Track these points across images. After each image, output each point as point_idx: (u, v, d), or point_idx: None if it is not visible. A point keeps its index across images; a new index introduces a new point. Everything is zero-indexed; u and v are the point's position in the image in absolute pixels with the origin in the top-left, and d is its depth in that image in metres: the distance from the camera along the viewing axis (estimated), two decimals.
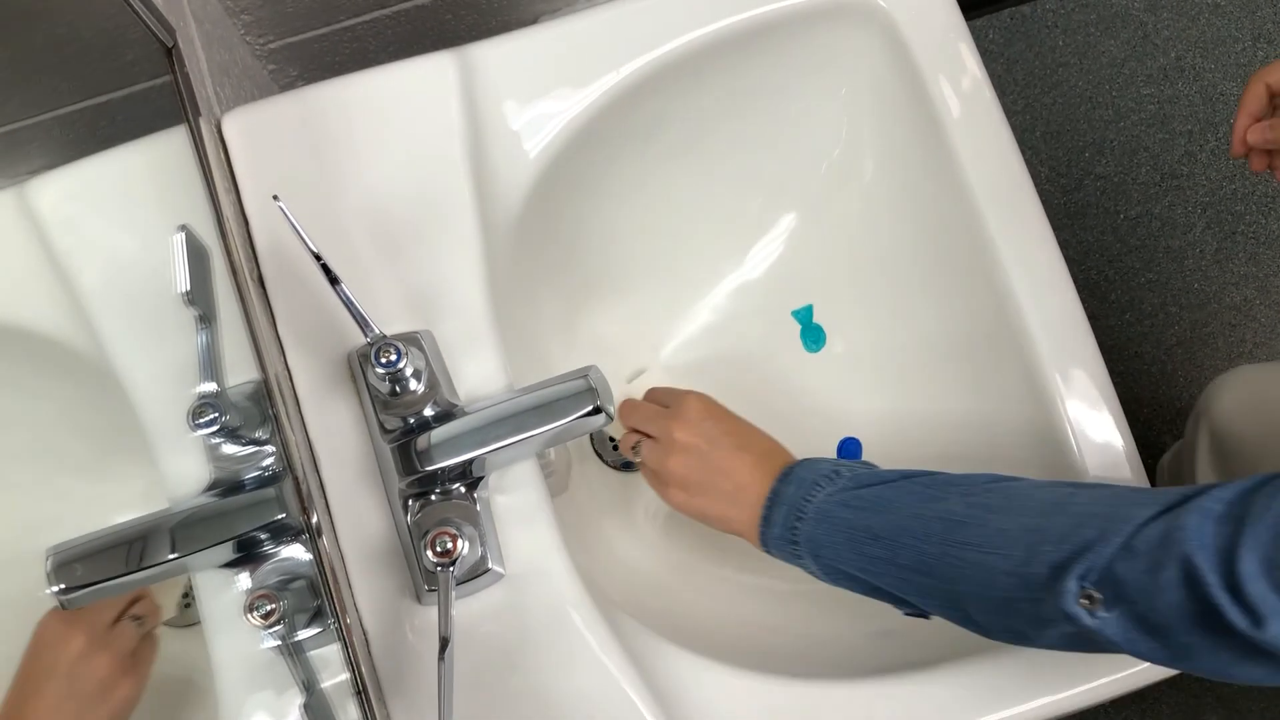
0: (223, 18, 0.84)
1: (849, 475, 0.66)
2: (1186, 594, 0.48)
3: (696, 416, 0.73)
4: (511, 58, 0.73)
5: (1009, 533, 0.56)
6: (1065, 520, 0.54)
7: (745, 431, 0.73)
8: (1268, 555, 0.46)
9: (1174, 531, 0.49)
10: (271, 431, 0.62)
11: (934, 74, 0.76)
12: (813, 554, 0.65)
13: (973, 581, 0.57)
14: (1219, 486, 0.50)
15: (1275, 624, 0.45)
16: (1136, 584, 0.50)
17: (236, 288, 0.62)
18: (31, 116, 0.55)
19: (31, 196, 0.55)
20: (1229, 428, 0.96)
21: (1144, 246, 1.57)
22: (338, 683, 0.61)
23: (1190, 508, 0.50)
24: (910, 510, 0.61)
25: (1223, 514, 0.49)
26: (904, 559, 0.60)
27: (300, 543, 0.61)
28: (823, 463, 0.68)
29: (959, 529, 0.58)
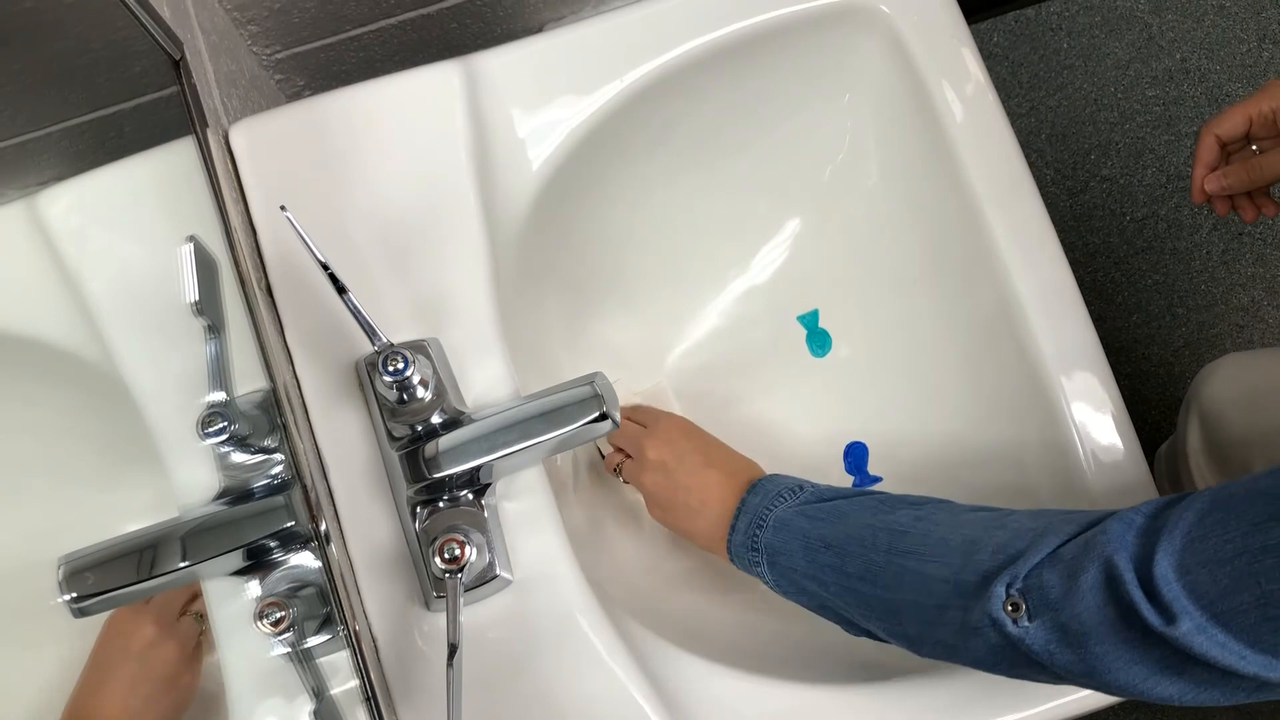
0: (229, 29, 0.85)
1: (811, 490, 0.69)
2: (1106, 595, 0.50)
3: (668, 435, 0.78)
4: (516, 66, 0.74)
5: (949, 542, 0.59)
6: (1001, 533, 0.58)
7: (713, 449, 0.77)
8: (1180, 561, 0.48)
9: (1097, 536, 0.53)
10: (280, 440, 0.62)
11: (937, 79, 0.77)
12: (769, 560, 0.68)
13: (911, 589, 0.60)
14: (1142, 503, 0.54)
15: (1186, 622, 0.47)
16: (1058, 589, 0.52)
17: (245, 297, 0.62)
18: (41, 128, 0.56)
19: (41, 207, 0.56)
20: (1218, 414, 0.97)
21: (1150, 248, 1.57)
22: (347, 689, 0.61)
23: (1114, 518, 0.53)
24: (863, 520, 0.64)
25: (1142, 525, 0.52)
26: (851, 567, 0.63)
27: (309, 550, 0.61)
28: (789, 478, 0.72)
29: (903, 538, 0.61)
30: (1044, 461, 0.75)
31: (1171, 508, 0.51)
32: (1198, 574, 0.48)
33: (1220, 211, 0.80)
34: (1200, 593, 0.47)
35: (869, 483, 0.87)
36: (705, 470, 0.75)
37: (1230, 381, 0.97)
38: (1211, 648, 0.47)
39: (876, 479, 0.87)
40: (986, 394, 0.80)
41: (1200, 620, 0.47)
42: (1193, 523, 0.49)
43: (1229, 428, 0.96)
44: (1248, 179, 0.77)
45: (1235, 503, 0.49)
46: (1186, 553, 0.48)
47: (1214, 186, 0.78)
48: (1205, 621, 0.47)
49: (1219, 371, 0.99)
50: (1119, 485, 0.71)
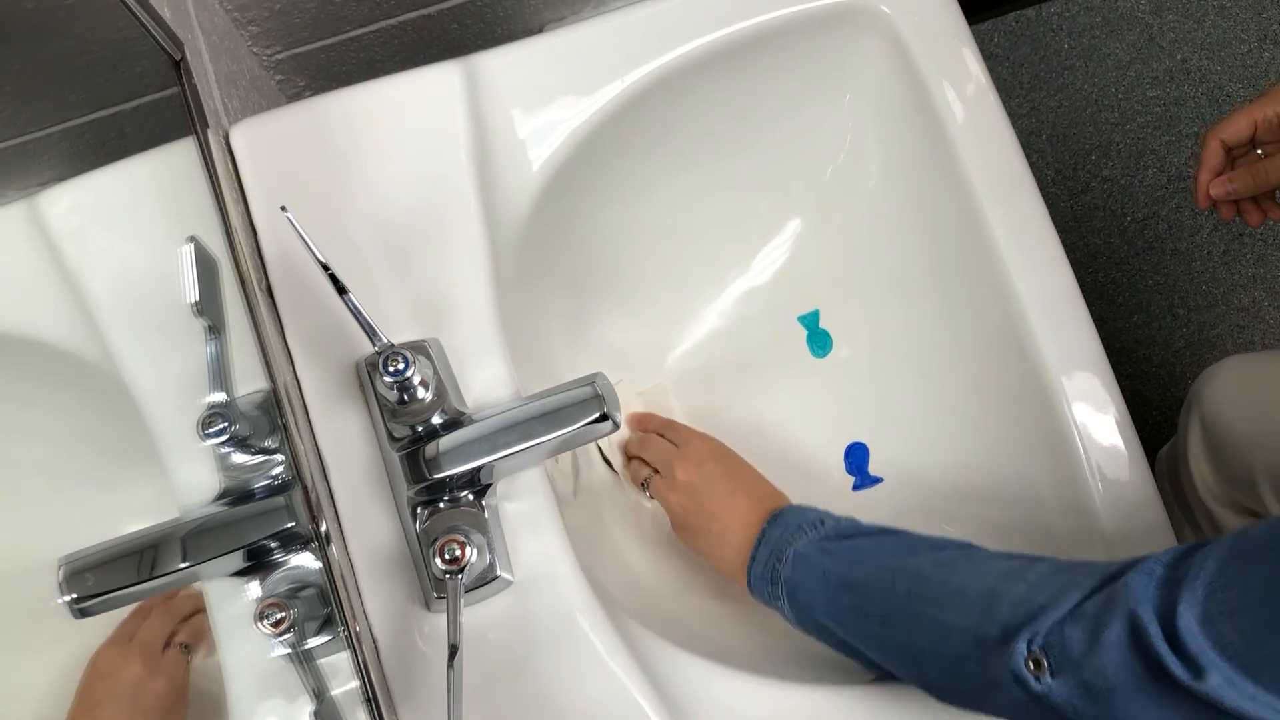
0: (230, 29, 0.85)
1: (831, 525, 0.69)
2: (1131, 650, 0.50)
3: (699, 458, 0.78)
4: (517, 66, 0.74)
5: (968, 592, 0.59)
6: (1021, 586, 0.57)
7: (742, 476, 0.77)
8: (1203, 612, 0.47)
9: (1119, 590, 0.52)
10: (281, 440, 0.62)
11: (938, 79, 0.77)
12: (789, 595, 0.68)
13: (930, 636, 0.59)
14: (1160, 552, 0.53)
15: (1214, 675, 0.46)
16: (1081, 645, 0.51)
17: (245, 298, 0.62)
18: (41, 129, 0.56)
19: (42, 208, 0.56)
20: (1219, 417, 0.97)
21: (1151, 249, 1.57)
22: (348, 690, 0.61)
23: (1136, 570, 0.52)
24: (883, 563, 0.64)
25: (1163, 576, 0.51)
26: (871, 609, 0.63)
27: (310, 551, 0.61)
28: (810, 511, 0.71)
29: (924, 584, 0.61)
30: (1044, 461, 0.75)
31: (1190, 557, 0.50)
32: (1222, 625, 0.47)
33: (1225, 216, 0.80)
34: (1226, 644, 0.46)
35: (870, 483, 0.87)
36: (730, 497, 0.75)
37: (1231, 384, 0.97)
38: (1242, 700, 0.46)
39: (877, 479, 0.87)
40: (987, 394, 0.80)
41: (1229, 672, 0.46)
42: (1214, 572, 0.48)
43: (1230, 431, 0.96)
44: (1253, 183, 0.77)
45: (1255, 549, 0.48)
46: (1210, 603, 0.47)
47: (1219, 191, 0.78)
48: (1234, 674, 0.46)
49: (1220, 374, 0.99)
50: (1120, 486, 0.71)
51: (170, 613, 0.55)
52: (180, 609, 0.56)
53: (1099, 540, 0.71)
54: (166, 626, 0.55)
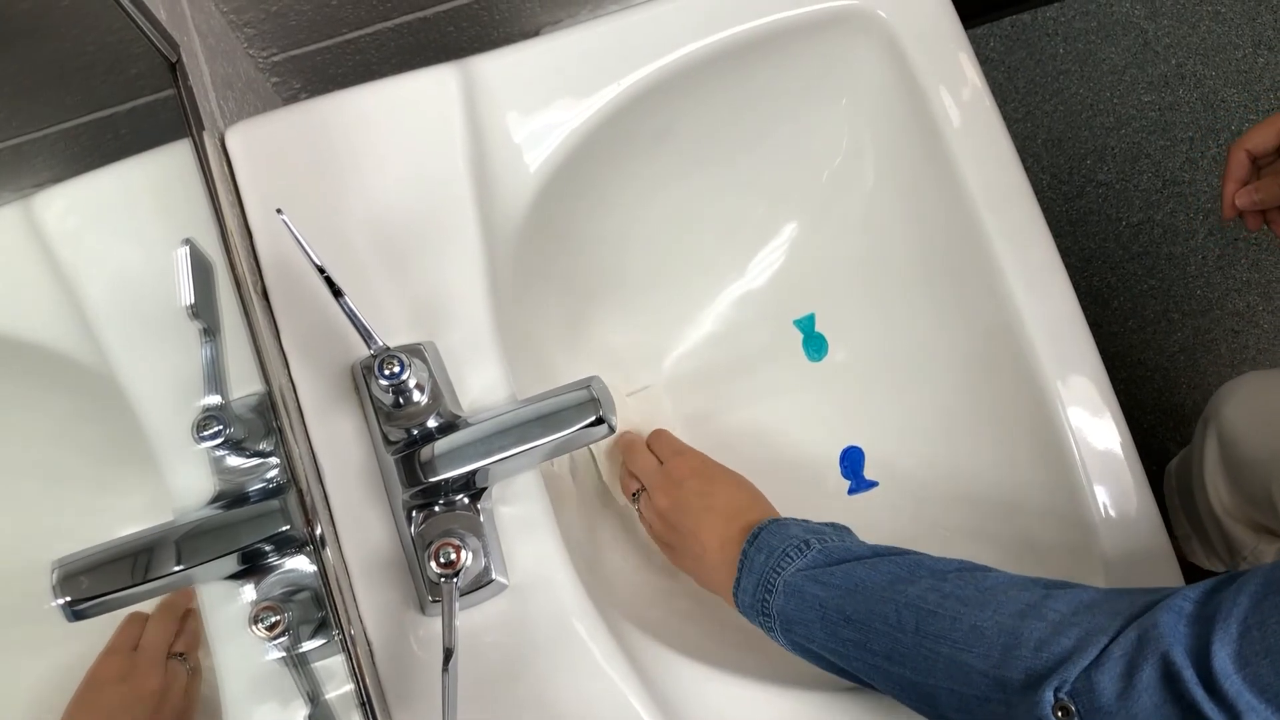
0: (226, 31, 0.85)
1: (819, 548, 0.65)
2: (1164, 694, 0.48)
3: (678, 476, 0.76)
4: (513, 70, 0.74)
5: (984, 631, 0.56)
6: (1041, 626, 0.54)
7: (717, 491, 0.74)
8: (1238, 651, 0.46)
9: (1149, 631, 0.49)
10: (275, 444, 0.62)
11: (934, 83, 0.77)
12: (784, 628, 0.64)
13: (945, 676, 0.56)
14: (1187, 587, 0.51)
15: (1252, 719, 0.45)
16: (1112, 692, 0.49)
17: (240, 301, 0.62)
18: (36, 130, 0.56)
19: (36, 210, 0.55)
20: (1238, 436, 0.96)
21: (1146, 253, 1.57)
22: (342, 694, 0.61)
23: (1162, 607, 0.50)
24: (884, 595, 0.60)
25: (1193, 613, 0.49)
26: (877, 645, 0.60)
27: (304, 554, 0.61)
28: (792, 527, 0.67)
29: (932, 619, 0.58)
30: (1038, 465, 0.75)
31: (1220, 592, 0.49)
32: (1259, 665, 0.45)
33: (1252, 227, 0.80)
34: (1264, 685, 0.45)
35: (865, 487, 0.87)
36: (705, 515, 0.72)
37: (1250, 402, 0.97)
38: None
39: (873, 484, 0.87)
40: (983, 399, 0.80)
41: (1267, 716, 0.45)
42: (1248, 609, 0.47)
43: (1248, 449, 0.95)
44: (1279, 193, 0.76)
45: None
46: (1244, 641, 0.46)
47: (1245, 201, 0.78)
48: (1272, 717, 0.45)
49: (1239, 391, 0.98)
50: (1114, 491, 0.71)
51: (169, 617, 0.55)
52: (176, 611, 0.56)
53: (1094, 548, 0.71)
54: (169, 631, 0.54)
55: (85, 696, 0.48)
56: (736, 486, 0.75)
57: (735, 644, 0.77)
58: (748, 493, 0.75)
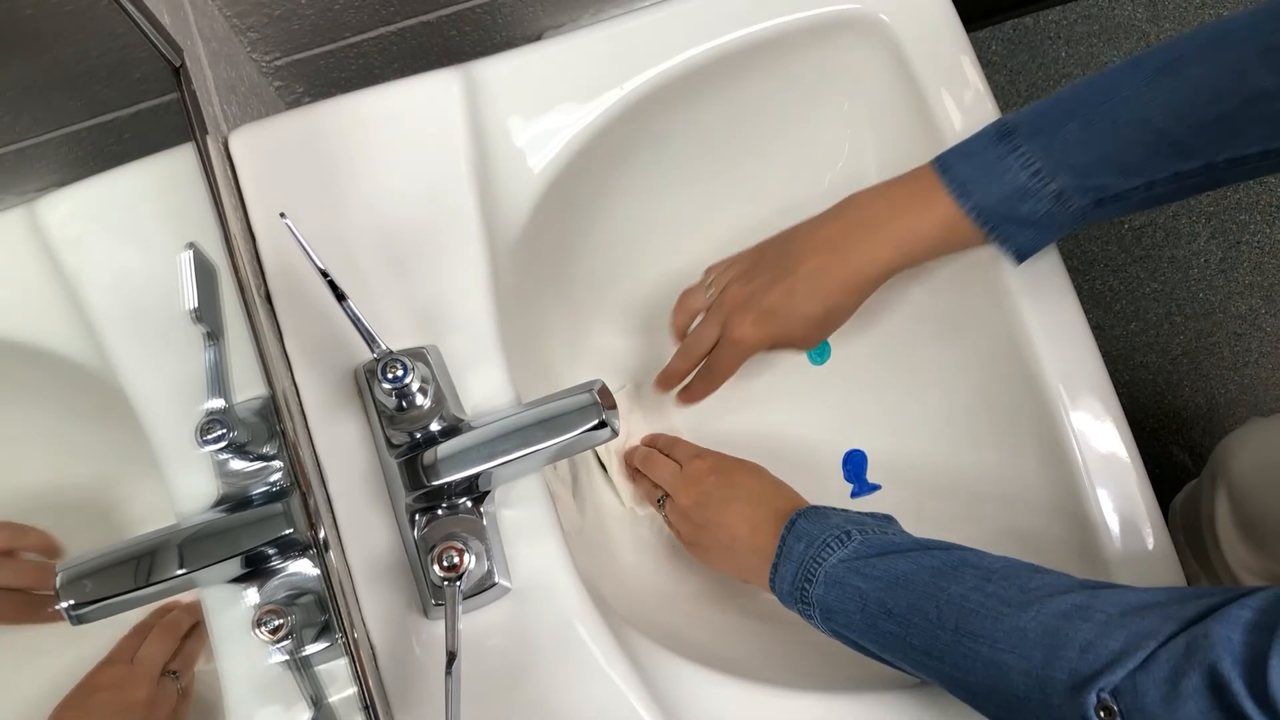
0: (229, 35, 0.85)
1: (860, 539, 0.64)
2: (1210, 703, 0.47)
3: (698, 476, 0.76)
4: (516, 74, 0.74)
5: (1026, 632, 0.55)
6: (1087, 627, 0.53)
7: (739, 480, 0.75)
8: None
9: (1199, 640, 0.48)
10: (279, 447, 0.62)
11: (936, 87, 0.77)
12: (824, 616, 0.65)
13: (984, 673, 0.56)
14: (1249, 594, 0.49)
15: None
16: (1156, 697, 0.48)
17: (244, 304, 0.62)
18: (40, 134, 0.56)
19: (40, 214, 0.56)
20: (1250, 492, 0.94)
21: (1148, 256, 1.57)
22: (345, 697, 0.61)
23: (1218, 616, 0.49)
24: (924, 589, 0.60)
25: (1252, 621, 0.47)
26: (917, 641, 0.59)
27: (308, 558, 0.61)
28: (832, 516, 0.67)
29: (973, 618, 0.57)
30: (1041, 468, 0.75)
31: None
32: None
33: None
34: None
35: (868, 490, 0.87)
36: (731, 504, 0.73)
37: (1258, 454, 0.95)
38: None
39: (875, 487, 0.87)
40: (985, 402, 0.80)
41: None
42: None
43: (1261, 504, 0.93)
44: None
45: None
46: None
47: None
48: None
49: (1246, 445, 0.96)
50: (1117, 493, 0.71)
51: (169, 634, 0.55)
52: (178, 629, 0.56)
53: (1097, 550, 0.71)
54: (167, 648, 0.54)
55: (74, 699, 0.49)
56: (756, 475, 0.76)
57: (740, 647, 0.77)
58: (769, 480, 0.75)
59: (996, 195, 0.67)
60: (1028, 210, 0.66)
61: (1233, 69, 0.58)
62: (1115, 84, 0.63)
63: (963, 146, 0.69)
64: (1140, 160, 0.63)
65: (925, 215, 0.69)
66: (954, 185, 0.68)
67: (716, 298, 0.78)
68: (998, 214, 0.67)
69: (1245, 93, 0.58)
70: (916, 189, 0.70)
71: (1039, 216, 0.66)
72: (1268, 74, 0.57)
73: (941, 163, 0.69)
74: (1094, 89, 0.64)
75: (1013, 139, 0.66)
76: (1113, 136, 0.63)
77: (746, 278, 0.76)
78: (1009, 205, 0.66)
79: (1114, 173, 0.64)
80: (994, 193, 0.67)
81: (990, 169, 0.66)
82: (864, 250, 0.71)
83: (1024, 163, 0.65)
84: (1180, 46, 0.61)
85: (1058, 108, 0.65)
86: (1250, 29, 0.58)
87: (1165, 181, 0.63)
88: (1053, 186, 0.65)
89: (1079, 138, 0.64)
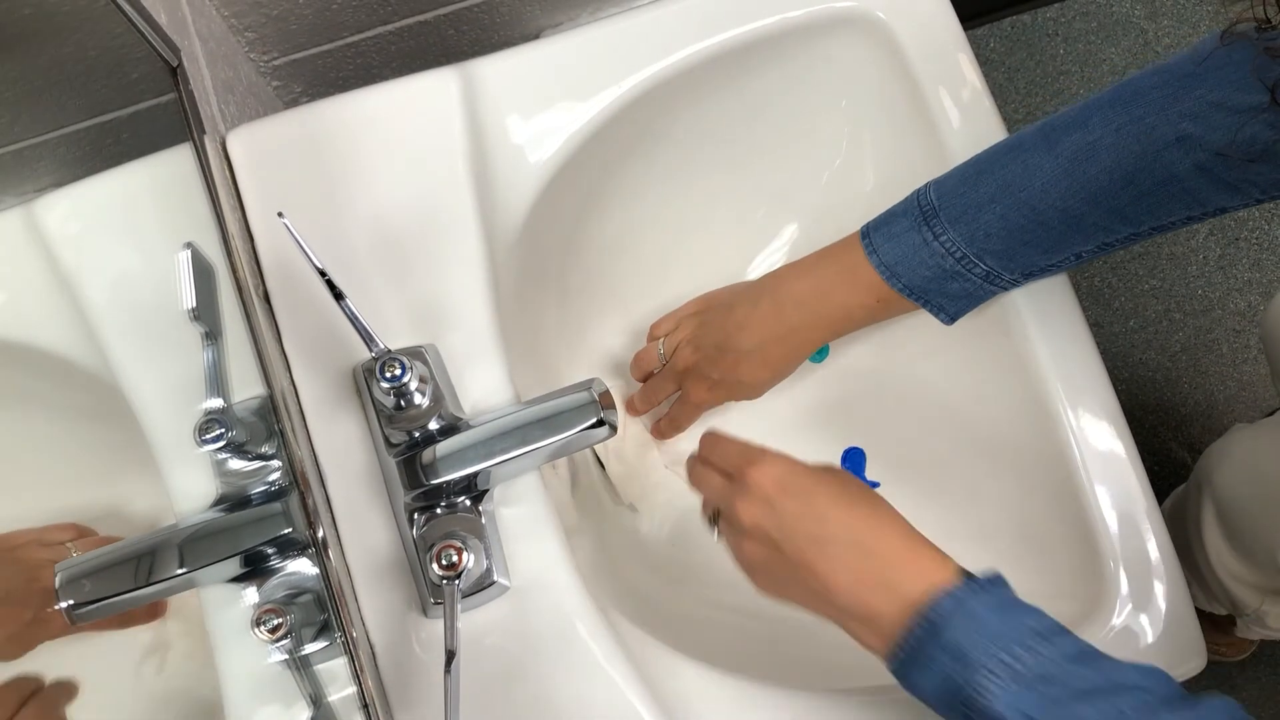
0: (227, 35, 0.85)
1: (1020, 669, 0.51)
2: None
3: (763, 493, 0.61)
4: (514, 73, 0.74)
5: None
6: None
7: (825, 510, 0.59)
8: None
9: None
10: (277, 446, 0.62)
11: (934, 84, 0.77)
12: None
13: None
14: None
15: None
16: None
17: (242, 304, 0.62)
18: (38, 135, 0.56)
19: (38, 214, 0.56)
20: (1234, 501, 0.94)
21: (1147, 253, 1.57)
22: (345, 696, 0.61)
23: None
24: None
25: None
26: None
27: (307, 557, 0.61)
28: (988, 624, 0.53)
29: None
30: (1039, 466, 0.75)
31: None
32: None
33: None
34: None
35: None
36: (816, 546, 0.58)
37: (1242, 463, 0.95)
38: None
39: (874, 485, 0.87)
40: (982, 398, 0.80)
41: None
42: None
43: (1247, 513, 0.93)
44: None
45: None
46: None
47: None
48: None
49: (1229, 454, 0.96)
50: (1116, 491, 0.71)
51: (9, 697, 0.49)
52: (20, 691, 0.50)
53: (1095, 548, 0.71)
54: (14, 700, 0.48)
55: None
56: (848, 504, 0.60)
57: (738, 645, 0.77)
58: (865, 510, 0.60)
59: (924, 276, 0.69)
60: (956, 288, 0.69)
61: (1147, 154, 0.59)
62: (1031, 170, 0.64)
63: (888, 224, 0.71)
64: (1062, 240, 0.66)
65: (856, 293, 0.72)
66: (882, 267, 0.70)
67: (669, 358, 0.83)
68: (928, 290, 0.70)
69: (1160, 175, 0.60)
70: (845, 266, 0.73)
71: (969, 290, 0.70)
72: (1181, 157, 0.58)
73: (868, 242, 0.71)
74: (1010, 173, 0.65)
75: (934, 224, 0.68)
76: (1034, 225, 0.65)
77: (694, 344, 0.80)
78: (938, 284, 0.69)
79: (1038, 253, 0.67)
80: (921, 274, 0.69)
81: (916, 253, 0.69)
82: (800, 331, 0.76)
83: (947, 249, 0.68)
84: (1092, 128, 0.62)
85: (975, 189, 0.66)
86: (1160, 109, 0.59)
87: (1091, 251, 0.67)
88: (979, 269, 0.68)
89: (1000, 227, 0.66)
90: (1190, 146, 0.58)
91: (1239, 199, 0.60)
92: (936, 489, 0.84)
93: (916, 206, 0.69)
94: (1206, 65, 0.57)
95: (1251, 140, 0.55)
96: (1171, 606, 0.70)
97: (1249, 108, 0.54)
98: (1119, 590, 0.70)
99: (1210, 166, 0.58)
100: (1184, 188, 0.60)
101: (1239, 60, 0.56)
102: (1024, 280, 0.69)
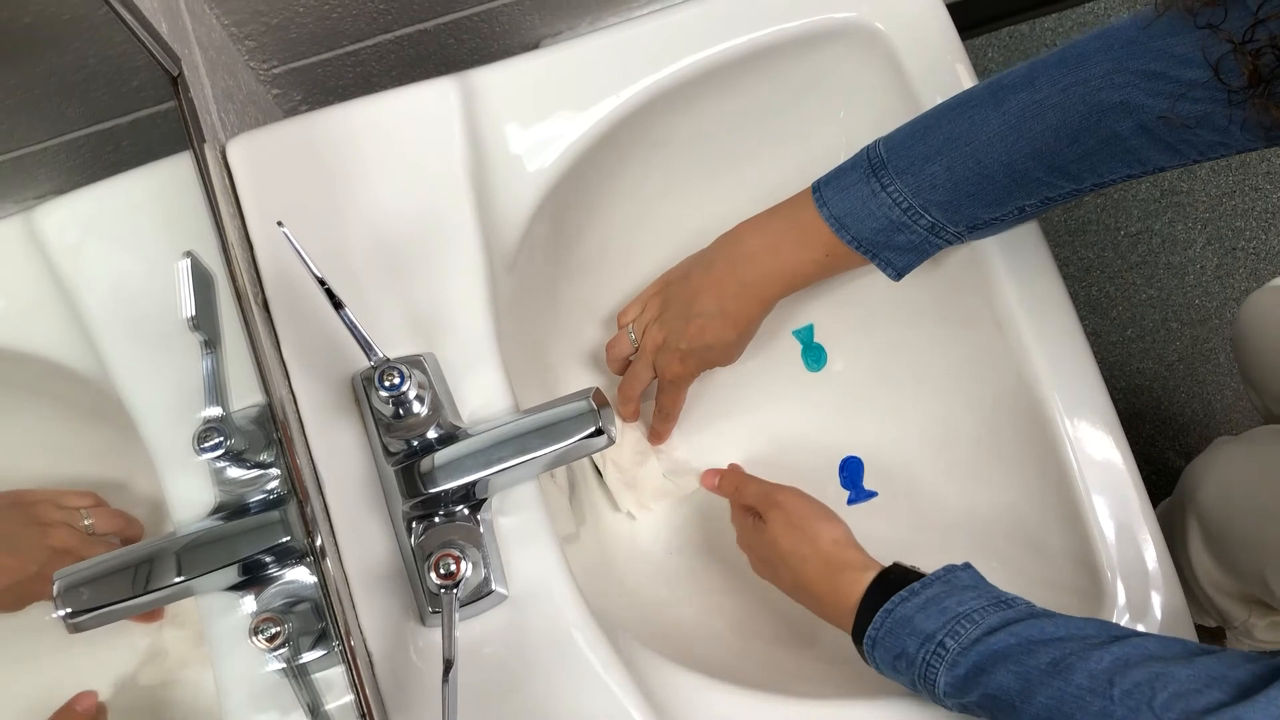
0: (227, 44, 0.85)
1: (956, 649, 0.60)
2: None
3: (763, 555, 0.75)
4: (513, 82, 0.74)
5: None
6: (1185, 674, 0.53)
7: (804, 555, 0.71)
8: None
9: None
10: (276, 455, 0.62)
11: (931, 95, 0.77)
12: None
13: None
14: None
15: None
16: None
17: (241, 313, 0.62)
18: (38, 143, 0.56)
19: (38, 222, 0.56)
20: (1218, 515, 0.94)
21: (1144, 263, 1.58)
22: (342, 705, 0.61)
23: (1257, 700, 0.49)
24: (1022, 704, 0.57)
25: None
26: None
27: (305, 565, 0.61)
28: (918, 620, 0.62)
29: None
30: (1037, 475, 0.75)
31: None
32: None
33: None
34: None
35: (864, 498, 0.87)
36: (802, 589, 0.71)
37: (1225, 477, 0.95)
38: None
39: (872, 494, 0.87)
40: (980, 408, 0.80)
41: None
42: None
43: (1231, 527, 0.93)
44: None
45: None
46: None
47: None
48: None
49: (1213, 468, 0.96)
50: (1113, 500, 0.71)
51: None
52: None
53: (1092, 557, 0.71)
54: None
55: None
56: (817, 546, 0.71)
57: (734, 654, 0.77)
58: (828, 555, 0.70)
59: (872, 228, 0.71)
60: (903, 240, 0.71)
61: (1091, 114, 0.61)
62: (978, 126, 0.66)
63: (838, 178, 0.73)
64: (1006, 194, 0.67)
65: (807, 247, 0.74)
66: (832, 219, 0.72)
67: (639, 341, 0.84)
68: (876, 243, 0.72)
69: (1103, 135, 0.62)
70: (796, 222, 0.74)
71: (916, 243, 0.71)
72: (1123, 119, 0.60)
73: (819, 196, 0.73)
74: (957, 128, 0.67)
75: (882, 176, 0.69)
76: (979, 178, 0.66)
77: (660, 322, 0.81)
78: (885, 236, 0.71)
79: (982, 206, 0.68)
80: (869, 226, 0.71)
81: (864, 204, 0.70)
82: (754, 286, 0.77)
83: (894, 200, 0.69)
84: (1039, 87, 0.64)
85: (923, 143, 0.68)
86: (1105, 73, 0.60)
87: (1035, 205, 0.68)
88: (925, 220, 0.69)
89: (946, 179, 0.67)
90: (1132, 109, 0.60)
91: (1178, 159, 0.62)
92: (933, 498, 0.84)
93: (866, 160, 0.71)
94: (1149, 33, 0.59)
95: (1191, 109, 0.58)
96: (1169, 616, 0.70)
97: (1189, 81, 0.57)
98: (1117, 600, 0.70)
99: (1152, 128, 0.60)
100: (1125, 147, 0.62)
101: (1180, 29, 0.57)
102: (969, 234, 0.71)
